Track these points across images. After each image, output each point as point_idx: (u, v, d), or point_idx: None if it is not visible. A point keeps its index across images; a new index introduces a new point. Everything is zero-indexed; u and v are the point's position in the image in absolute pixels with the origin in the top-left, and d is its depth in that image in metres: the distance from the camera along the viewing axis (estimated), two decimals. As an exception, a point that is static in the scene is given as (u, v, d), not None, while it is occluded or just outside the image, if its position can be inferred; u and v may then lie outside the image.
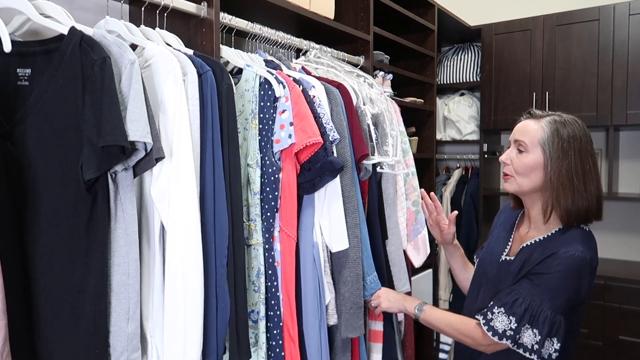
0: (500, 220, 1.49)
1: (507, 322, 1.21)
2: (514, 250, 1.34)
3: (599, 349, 2.72)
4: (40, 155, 1.08)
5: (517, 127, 1.32)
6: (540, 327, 1.19)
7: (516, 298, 1.21)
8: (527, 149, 1.26)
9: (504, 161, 1.31)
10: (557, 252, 1.20)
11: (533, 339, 1.19)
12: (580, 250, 1.19)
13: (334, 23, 2.00)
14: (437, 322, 1.39)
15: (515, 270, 1.27)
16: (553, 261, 1.19)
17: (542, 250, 1.24)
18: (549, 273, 1.19)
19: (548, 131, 1.24)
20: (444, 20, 3.04)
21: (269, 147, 1.43)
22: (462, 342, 1.34)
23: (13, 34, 1.16)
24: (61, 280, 1.08)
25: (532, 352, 1.20)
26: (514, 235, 1.39)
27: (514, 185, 1.30)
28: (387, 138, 1.87)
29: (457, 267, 1.60)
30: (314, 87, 1.56)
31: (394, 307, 1.52)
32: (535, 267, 1.22)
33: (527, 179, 1.27)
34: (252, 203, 1.42)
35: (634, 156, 3.09)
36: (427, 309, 1.41)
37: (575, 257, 1.18)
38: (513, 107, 3.15)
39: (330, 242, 1.52)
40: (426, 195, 1.57)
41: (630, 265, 2.99)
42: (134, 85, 1.08)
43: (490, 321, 1.24)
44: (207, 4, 1.46)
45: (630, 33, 2.78)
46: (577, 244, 1.21)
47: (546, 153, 1.24)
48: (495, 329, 1.22)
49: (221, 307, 1.23)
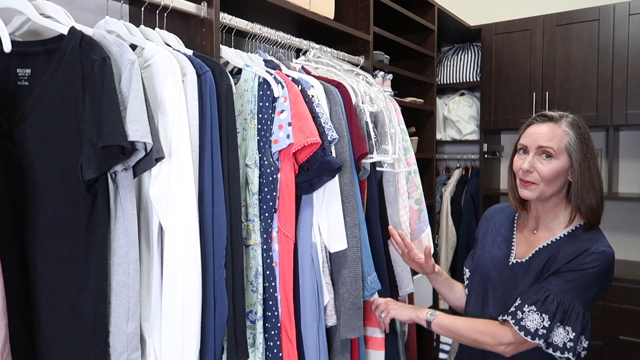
0: (490, 227, 1.46)
1: (539, 320, 1.19)
2: (524, 252, 1.33)
3: (599, 349, 2.72)
4: (40, 156, 1.08)
5: (537, 132, 1.26)
6: (573, 324, 1.18)
7: (547, 295, 1.20)
8: (555, 155, 1.24)
9: (527, 169, 1.25)
10: (589, 248, 1.20)
11: (565, 337, 1.18)
12: (608, 246, 1.22)
13: (334, 23, 2.00)
14: (453, 326, 1.34)
15: (537, 269, 1.26)
16: (586, 258, 1.19)
17: (569, 248, 1.23)
18: (584, 270, 1.19)
19: (573, 135, 1.24)
20: (444, 20, 3.04)
21: (268, 147, 1.43)
22: (478, 345, 1.30)
23: (13, 34, 1.17)
24: (61, 280, 1.08)
25: (564, 351, 1.18)
26: (516, 237, 1.38)
27: (536, 192, 1.26)
28: (386, 136, 1.87)
29: (444, 291, 1.55)
30: (313, 86, 1.56)
31: (405, 315, 1.45)
32: (566, 265, 1.21)
33: (552, 186, 1.26)
34: (251, 203, 1.42)
35: (634, 156, 3.09)
36: (440, 315, 1.37)
37: (607, 254, 1.20)
38: (513, 107, 3.15)
39: (328, 242, 1.52)
40: (395, 233, 1.50)
41: (630, 265, 2.99)
42: (134, 86, 1.09)
43: (521, 320, 1.21)
44: (207, 4, 1.46)
45: (630, 33, 2.78)
46: (604, 240, 1.24)
47: (572, 158, 1.24)
48: (527, 328, 1.20)
49: (219, 308, 1.23)
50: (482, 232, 1.49)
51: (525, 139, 1.28)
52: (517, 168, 1.29)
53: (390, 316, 1.47)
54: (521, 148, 1.30)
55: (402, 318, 1.46)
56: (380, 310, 1.50)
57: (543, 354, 1.23)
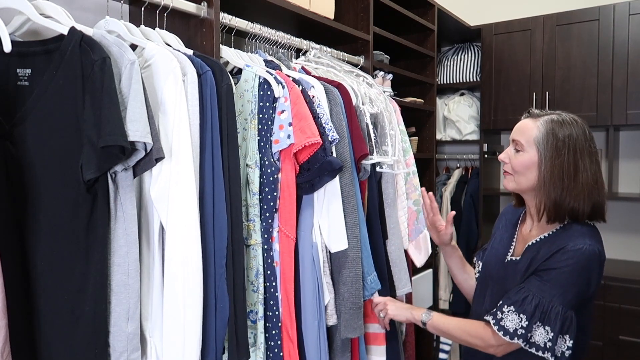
0: (501, 223, 1.49)
1: (517, 320, 1.20)
2: (519, 250, 1.34)
3: (599, 349, 2.72)
4: (40, 156, 1.08)
5: (515, 127, 1.34)
6: (552, 324, 1.17)
7: (525, 295, 1.20)
8: (523, 148, 1.29)
9: (503, 160, 1.35)
10: (565, 246, 1.20)
11: (545, 337, 1.18)
12: (589, 243, 1.20)
13: (334, 23, 2.00)
14: (445, 327, 1.36)
15: (523, 268, 1.27)
16: (562, 255, 1.19)
17: (549, 246, 1.24)
18: (559, 268, 1.19)
19: (543, 130, 1.26)
20: (444, 20, 3.04)
21: (268, 147, 1.43)
22: (472, 346, 1.32)
23: (13, 34, 1.17)
24: (61, 280, 1.08)
25: (544, 351, 1.18)
26: (517, 235, 1.40)
27: (512, 183, 1.33)
28: (386, 138, 1.87)
29: (455, 268, 1.59)
30: (314, 87, 1.56)
31: (402, 315, 1.47)
32: (543, 263, 1.22)
33: (524, 177, 1.30)
34: (251, 203, 1.42)
35: (634, 156, 3.09)
36: (434, 316, 1.39)
37: (584, 251, 1.18)
38: (513, 107, 3.15)
39: (329, 242, 1.52)
40: (426, 194, 1.57)
41: (630, 265, 2.99)
42: (134, 86, 1.08)
43: (500, 320, 1.22)
44: (207, 4, 1.46)
45: (630, 33, 2.78)
46: (585, 237, 1.21)
47: (540, 152, 1.26)
48: (506, 329, 1.21)
49: (220, 308, 1.23)
50: (496, 228, 1.51)
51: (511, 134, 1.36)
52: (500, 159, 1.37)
53: (388, 317, 1.49)
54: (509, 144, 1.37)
55: (399, 318, 1.48)
56: (379, 310, 1.53)
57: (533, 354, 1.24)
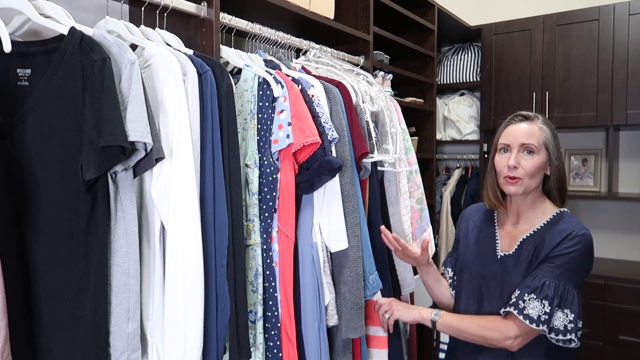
0: (470, 225, 1.51)
1: (540, 307, 1.24)
2: (509, 245, 1.38)
3: (599, 349, 2.72)
4: (40, 156, 1.08)
5: (517, 131, 1.34)
6: (571, 306, 1.23)
7: (543, 282, 1.25)
8: (537, 150, 1.32)
9: (515, 165, 1.31)
10: (571, 232, 1.27)
11: (565, 320, 1.22)
12: (586, 228, 1.30)
13: (334, 23, 2.00)
14: (458, 324, 1.35)
15: (527, 259, 1.32)
16: (571, 241, 1.26)
17: (552, 234, 1.30)
18: (569, 253, 1.26)
19: (548, 131, 1.35)
20: (444, 20, 3.04)
21: (267, 147, 1.43)
22: (485, 342, 1.31)
23: (13, 34, 1.17)
24: (61, 280, 1.08)
25: (565, 333, 1.22)
26: (499, 233, 1.43)
27: (522, 187, 1.33)
28: (387, 136, 1.87)
29: (432, 283, 1.56)
30: (313, 86, 1.56)
31: (409, 316, 1.45)
32: (553, 250, 1.27)
33: (534, 180, 1.33)
34: (250, 203, 1.42)
35: (634, 156, 3.09)
36: (444, 314, 1.38)
37: (587, 235, 1.28)
38: (513, 107, 3.13)
39: (329, 242, 1.52)
40: (387, 232, 1.49)
41: (630, 265, 2.99)
42: (134, 86, 1.08)
43: (523, 310, 1.25)
44: (207, 4, 1.46)
45: (630, 33, 2.78)
46: (578, 221, 1.32)
47: (550, 151, 1.33)
48: (530, 316, 1.24)
49: (221, 307, 1.23)
50: (463, 231, 1.53)
51: (506, 138, 1.36)
52: (502, 166, 1.35)
53: (394, 317, 1.47)
54: (502, 147, 1.37)
55: (406, 319, 1.46)
56: (384, 311, 1.50)
57: (544, 347, 1.27)
